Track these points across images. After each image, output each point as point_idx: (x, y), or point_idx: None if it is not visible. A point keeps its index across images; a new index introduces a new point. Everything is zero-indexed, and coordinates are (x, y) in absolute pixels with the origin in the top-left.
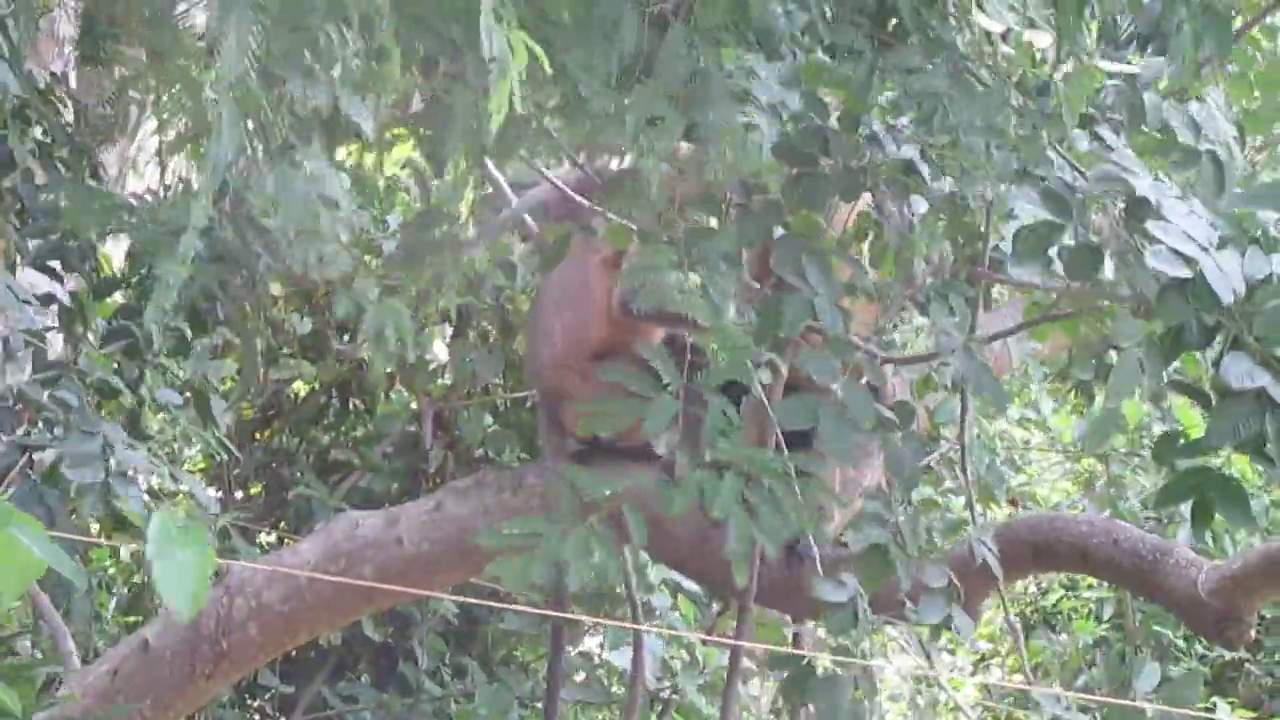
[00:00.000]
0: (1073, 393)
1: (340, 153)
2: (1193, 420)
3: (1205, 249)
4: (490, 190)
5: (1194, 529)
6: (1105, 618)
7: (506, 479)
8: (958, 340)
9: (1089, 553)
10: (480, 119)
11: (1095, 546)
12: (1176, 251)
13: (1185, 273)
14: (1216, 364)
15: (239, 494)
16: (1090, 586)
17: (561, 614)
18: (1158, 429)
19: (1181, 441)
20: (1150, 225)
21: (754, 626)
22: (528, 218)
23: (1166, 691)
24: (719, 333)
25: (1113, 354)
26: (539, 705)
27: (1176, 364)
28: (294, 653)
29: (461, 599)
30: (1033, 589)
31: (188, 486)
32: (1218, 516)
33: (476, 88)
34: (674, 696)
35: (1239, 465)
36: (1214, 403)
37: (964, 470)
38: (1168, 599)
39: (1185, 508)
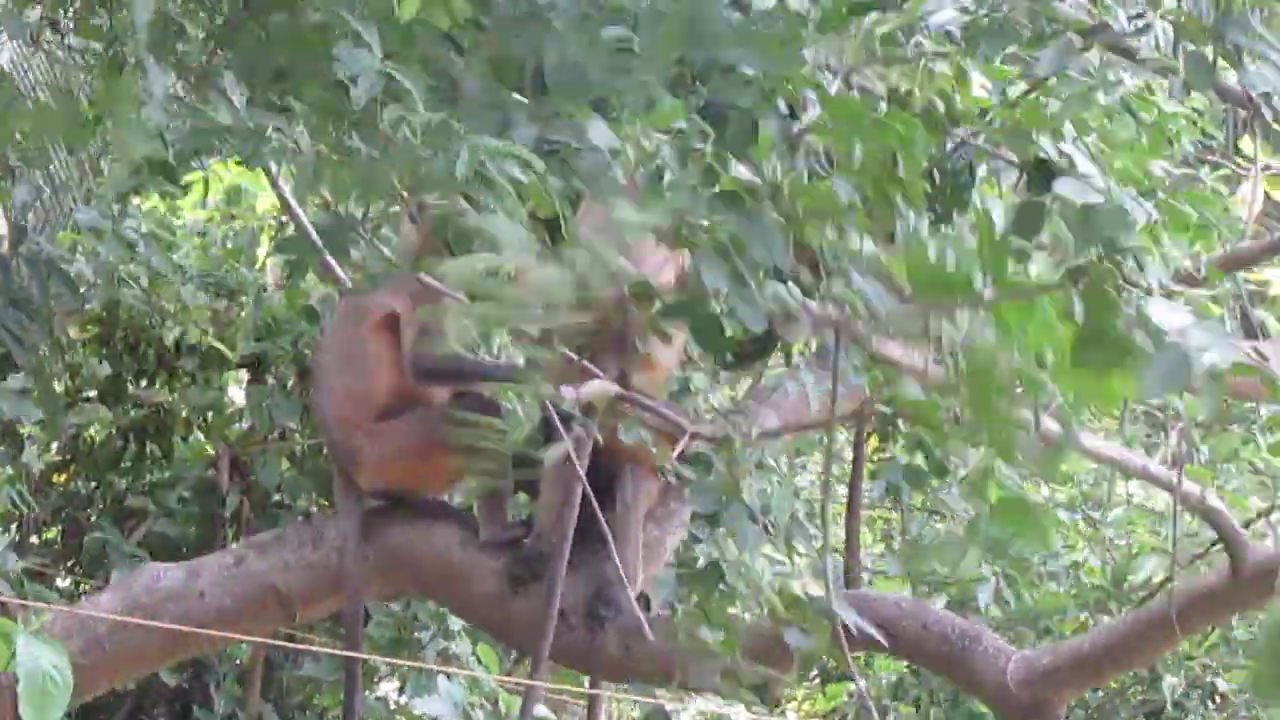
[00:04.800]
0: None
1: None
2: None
3: None
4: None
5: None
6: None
7: (307, 533)
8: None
9: (898, 635)
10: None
11: (904, 629)
12: None
13: None
14: None
15: (34, 538)
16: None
17: (359, 654)
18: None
19: None
20: None
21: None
22: None
23: None
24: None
25: None
26: None
27: None
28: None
29: (259, 640)
30: None
31: None
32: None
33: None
34: None
35: None
36: None
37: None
38: (976, 686)
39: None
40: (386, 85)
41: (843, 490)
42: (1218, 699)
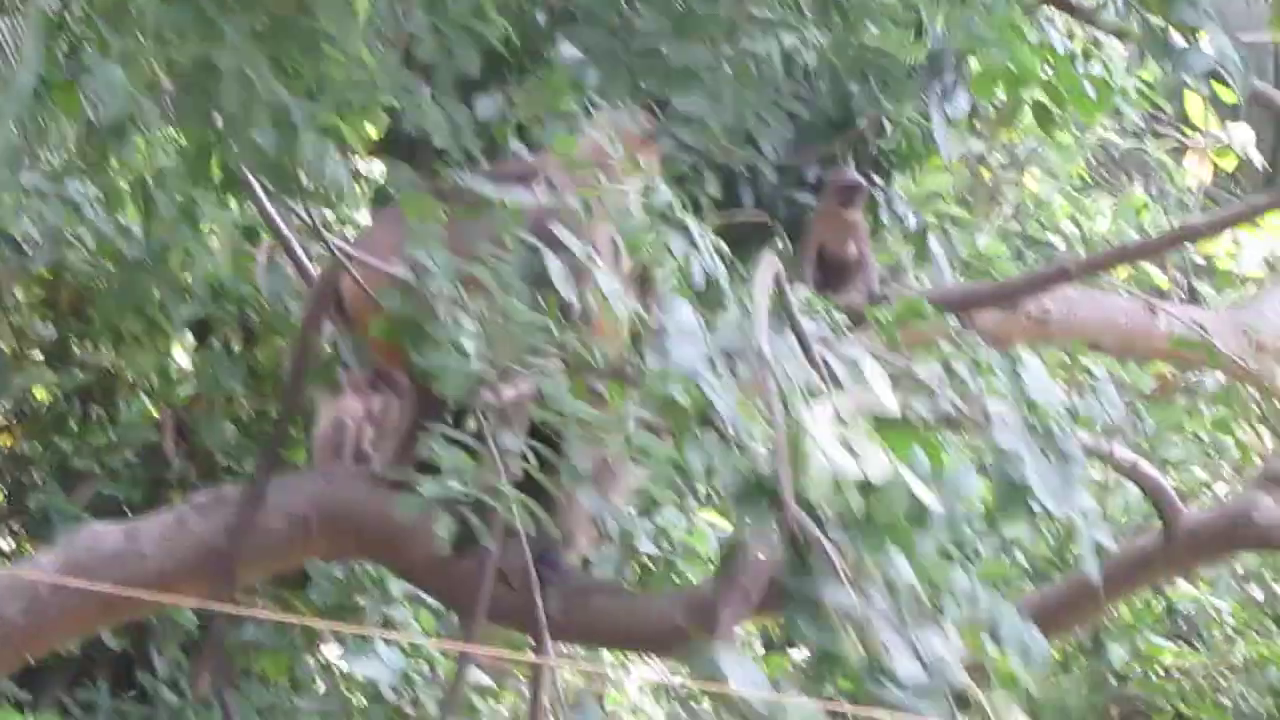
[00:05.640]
0: None
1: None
2: None
3: None
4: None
5: None
6: None
7: (247, 495)
8: None
9: None
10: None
11: None
12: None
13: None
14: None
15: None
16: None
17: (302, 619)
18: None
19: None
20: None
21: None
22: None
23: None
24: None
25: None
26: (278, 716)
27: None
28: (32, 660)
29: (201, 603)
30: None
31: None
32: None
33: None
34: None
35: None
36: None
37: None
38: None
39: None
40: None
41: None
42: (1162, 670)
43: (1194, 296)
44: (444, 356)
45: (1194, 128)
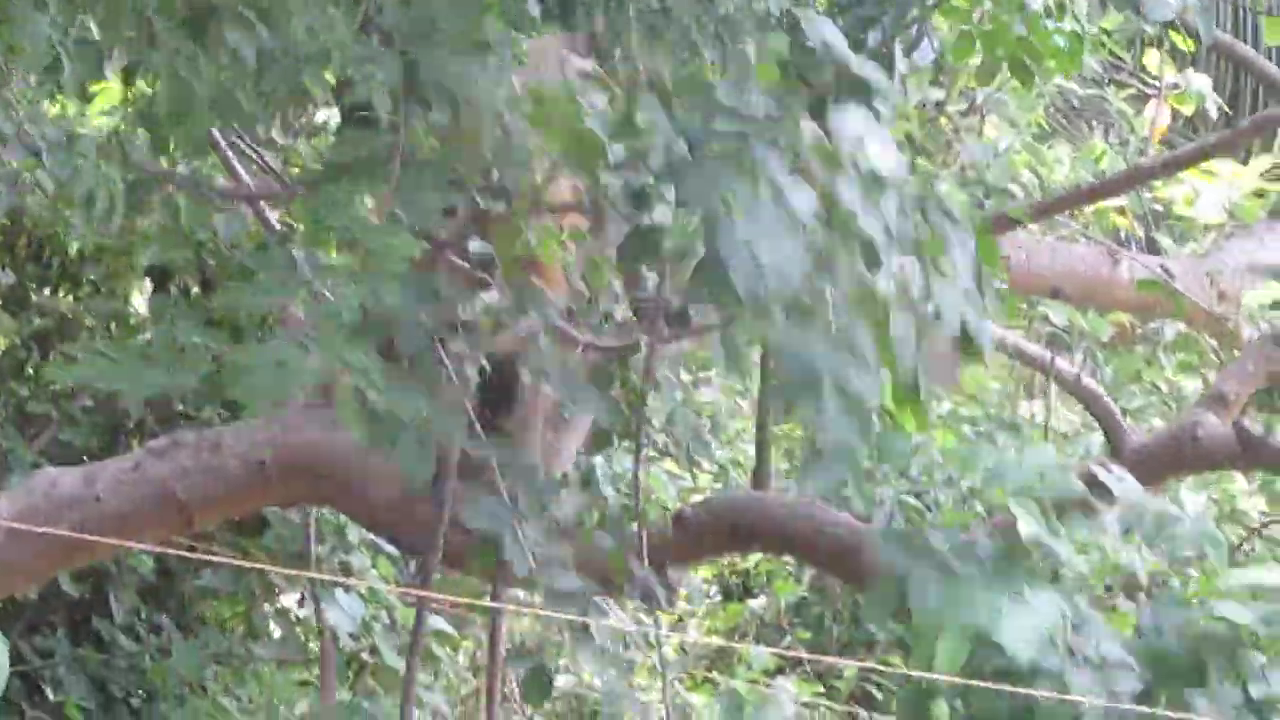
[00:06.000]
0: None
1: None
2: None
3: None
4: None
5: None
6: (805, 580)
7: (205, 440)
8: None
9: (790, 535)
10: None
11: (796, 529)
12: None
13: None
14: None
15: None
16: None
17: (258, 565)
18: None
19: None
20: None
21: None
22: None
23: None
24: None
25: None
26: (235, 662)
27: None
28: None
29: (159, 549)
30: None
31: None
32: None
33: None
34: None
35: None
36: None
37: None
38: (865, 582)
39: None
40: None
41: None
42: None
43: (1153, 248)
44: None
45: (1153, 76)
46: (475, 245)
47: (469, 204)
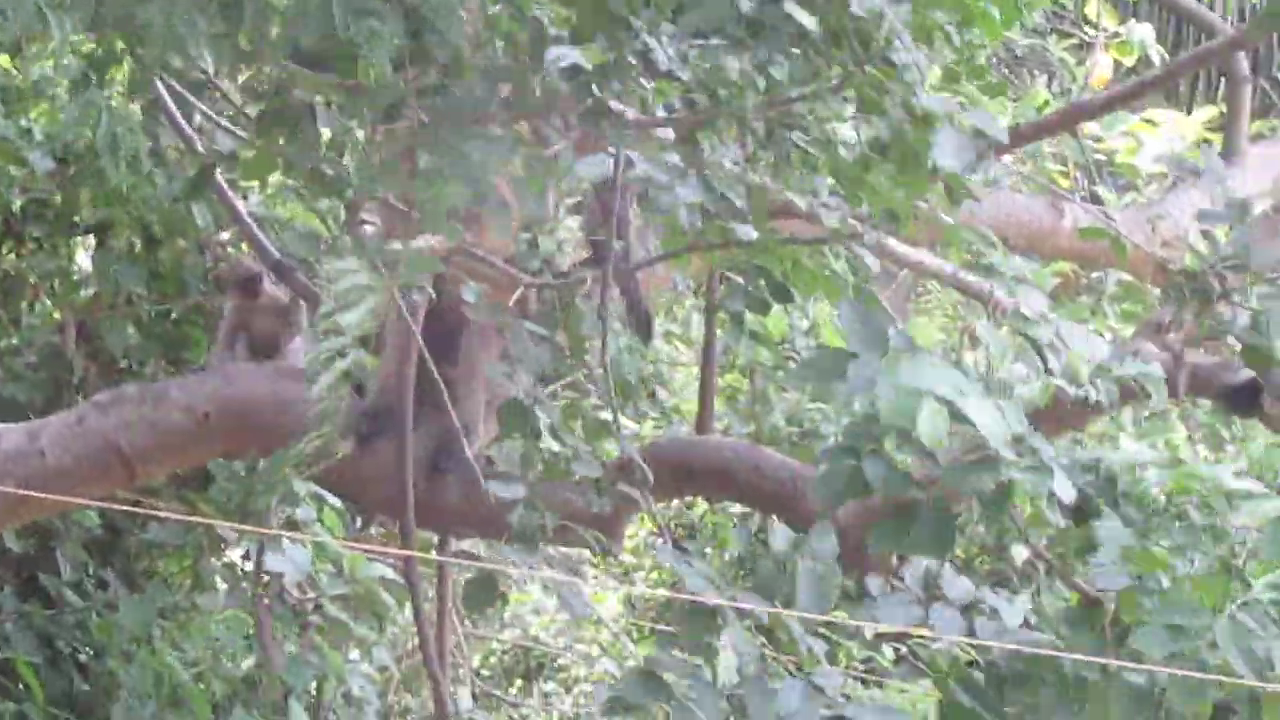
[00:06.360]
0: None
1: None
2: (837, 338)
3: None
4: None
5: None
6: (752, 531)
7: (149, 394)
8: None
9: (732, 478)
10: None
11: (739, 472)
12: None
13: None
14: None
15: None
16: None
17: (204, 519)
18: (801, 342)
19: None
20: None
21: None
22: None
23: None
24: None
25: None
26: (182, 617)
27: None
28: None
29: (106, 505)
30: (676, 502)
31: None
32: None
33: None
34: (316, 612)
35: None
36: None
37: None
38: (808, 526)
39: None
40: None
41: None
42: None
43: (1096, 200)
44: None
45: (1095, 25)
46: None
47: None
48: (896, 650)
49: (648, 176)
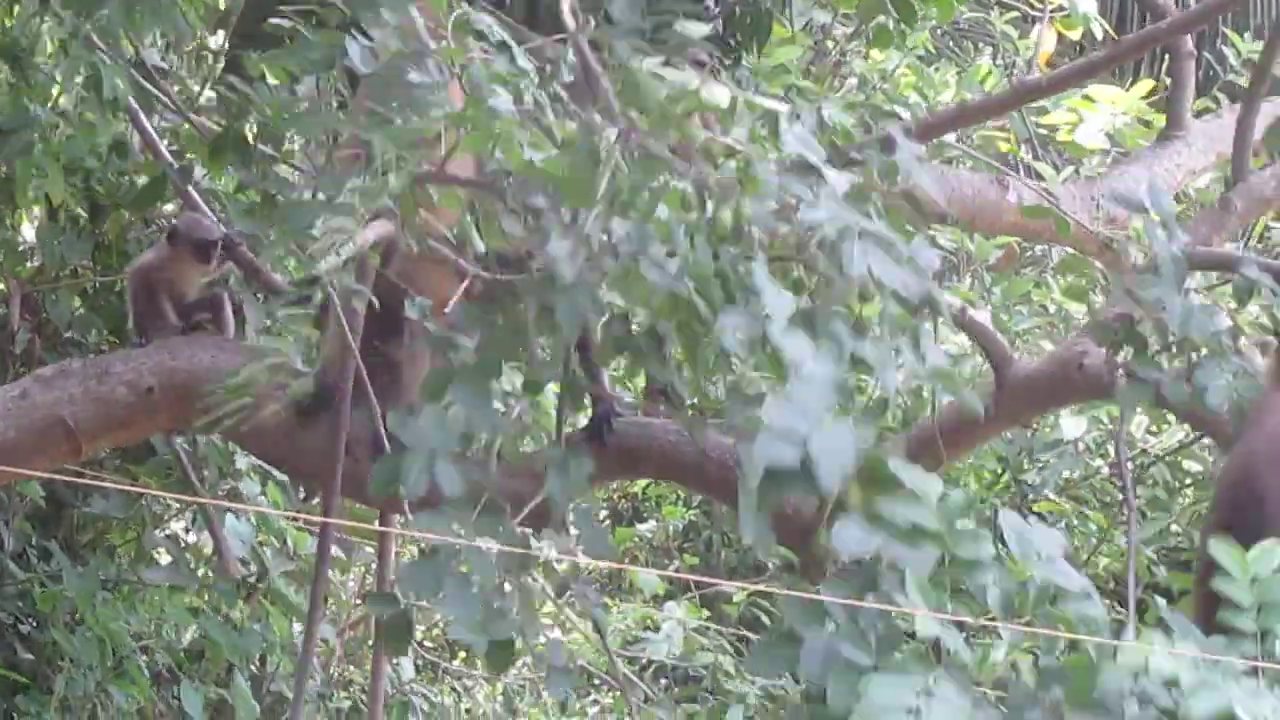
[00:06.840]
0: None
1: None
2: None
3: None
4: None
5: None
6: (693, 504)
7: (92, 367)
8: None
9: (678, 462)
10: None
11: (683, 455)
12: None
13: None
14: None
15: None
16: None
17: (148, 490)
18: None
19: None
20: None
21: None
22: None
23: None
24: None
25: None
26: (125, 588)
27: None
28: None
29: (49, 475)
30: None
31: None
32: None
33: None
34: (260, 584)
35: None
36: None
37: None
38: None
39: None
40: None
41: None
42: None
43: (1037, 175)
44: None
45: None
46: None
47: None
48: None
49: None
